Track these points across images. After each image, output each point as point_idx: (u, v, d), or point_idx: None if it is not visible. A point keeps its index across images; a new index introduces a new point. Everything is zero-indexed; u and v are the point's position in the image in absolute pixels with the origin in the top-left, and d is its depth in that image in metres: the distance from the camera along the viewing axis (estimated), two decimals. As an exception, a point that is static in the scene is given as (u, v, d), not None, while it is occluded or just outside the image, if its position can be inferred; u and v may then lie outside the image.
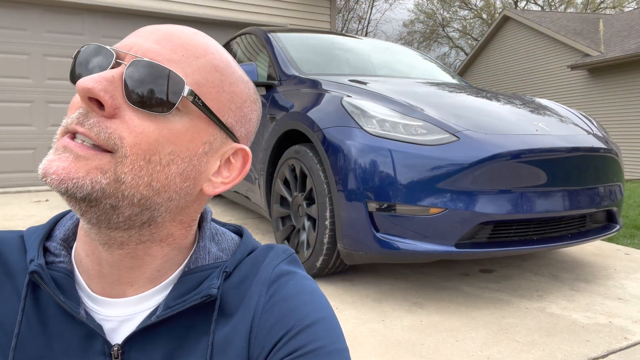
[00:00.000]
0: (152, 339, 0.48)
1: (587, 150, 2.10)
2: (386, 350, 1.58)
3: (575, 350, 1.60)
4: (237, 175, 0.53)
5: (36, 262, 0.48)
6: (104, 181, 0.42)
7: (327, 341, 0.47)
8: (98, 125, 0.42)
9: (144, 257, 0.49)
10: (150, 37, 0.47)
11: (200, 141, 0.47)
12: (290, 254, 0.56)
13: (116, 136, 0.42)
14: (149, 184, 0.44)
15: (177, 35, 0.48)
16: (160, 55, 0.45)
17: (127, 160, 0.43)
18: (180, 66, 0.46)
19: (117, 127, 0.43)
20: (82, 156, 0.42)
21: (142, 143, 0.43)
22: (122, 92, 0.43)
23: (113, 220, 0.45)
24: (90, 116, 0.43)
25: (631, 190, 6.91)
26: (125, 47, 0.46)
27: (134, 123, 0.43)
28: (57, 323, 0.48)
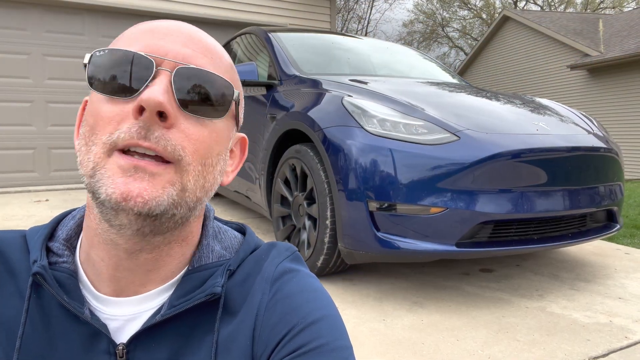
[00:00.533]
0: (156, 338, 0.48)
1: (588, 150, 2.10)
2: (387, 349, 1.58)
3: (575, 350, 1.60)
4: (239, 162, 0.56)
5: (39, 264, 0.48)
6: (174, 193, 0.44)
7: (330, 338, 0.47)
8: (163, 138, 0.43)
9: (165, 258, 0.49)
10: (177, 40, 0.46)
11: (229, 137, 0.50)
12: (293, 251, 0.56)
13: (179, 147, 0.43)
14: (202, 186, 0.47)
15: (196, 35, 0.48)
16: (197, 59, 0.46)
17: (189, 167, 0.44)
18: (213, 68, 0.47)
19: (177, 137, 0.44)
20: (156, 173, 0.43)
21: (199, 149, 0.45)
22: (175, 101, 0.44)
23: (164, 227, 0.46)
24: (153, 129, 0.42)
25: (631, 190, 6.91)
26: (159, 52, 0.45)
27: (191, 131, 0.44)
28: (61, 323, 0.48)
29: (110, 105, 0.43)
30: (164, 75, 0.44)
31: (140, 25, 0.48)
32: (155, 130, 0.42)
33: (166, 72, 0.44)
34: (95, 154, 0.43)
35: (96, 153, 0.43)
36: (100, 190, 0.42)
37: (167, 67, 0.44)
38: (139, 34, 0.47)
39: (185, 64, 0.45)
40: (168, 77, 0.44)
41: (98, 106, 0.44)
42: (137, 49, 0.45)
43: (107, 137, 0.43)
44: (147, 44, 0.45)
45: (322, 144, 2.11)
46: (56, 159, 5.02)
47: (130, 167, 0.42)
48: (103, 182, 0.42)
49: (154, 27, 0.47)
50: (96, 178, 0.43)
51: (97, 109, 0.44)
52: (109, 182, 0.42)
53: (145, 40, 0.46)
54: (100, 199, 0.43)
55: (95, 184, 0.43)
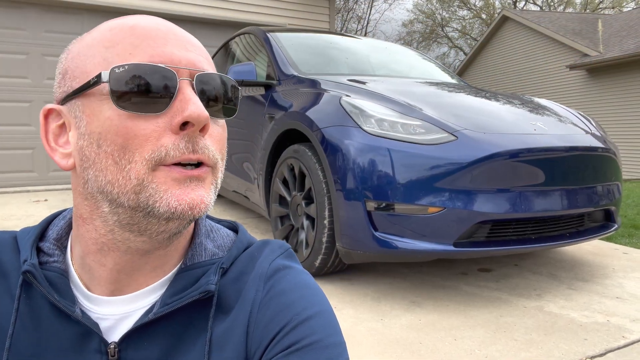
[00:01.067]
0: (149, 337, 0.48)
1: (585, 150, 2.10)
2: (384, 349, 1.58)
3: (573, 349, 1.60)
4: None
5: (29, 262, 0.48)
6: (214, 191, 0.47)
7: (323, 335, 0.47)
8: (206, 148, 0.45)
9: (172, 253, 0.51)
10: (178, 45, 0.47)
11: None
12: (286, 249, 0.56)
13: (216, 151, 0.47)
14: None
15: (186, 35, 0.49)
16: (202, 62, 0.48)
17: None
18: (212, 68, 0.49)
19: (210, 142, 0.46)
20: (204, 178, 0.46)
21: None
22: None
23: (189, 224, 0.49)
24: (197, 141, 0.44)
25: (629, 189, 6.92)
26: (172, 61, 0.45)
27: (215, 133, 0.48)
28: (51, 322, 0.48)
29: (142, 121, 0.43)
30: (187, 85, 0.45)
31: (128, 29, 0.46)
32: (198, 141, 0.45)
33: (187, 81, 0.45)
34: (138, 171, 0.43)
35: (139, 170, 0.43)
36: (158, 205, 0.43)
37: (185, 75, 0.45)
38: (136, 41, 0.45)
39: (200, 70, 0.46)
40: (190, 86, 0.45)
41: (125, 124, 0.43)
42: (147, 59, 0.44)
43: (149, 154, 0.43)
44: (155, 53, 0.45)
45: (320, 144, 2.12)
46: (55, 159, 5.01)
47: (186, 178, 0.44)
48: (160, 196, 0.43)
49: (148, 30, 0.46)
50: (146, 194, 0.43)
51: (126, 127, 0.43)
52: (168, 195, 0.43)
53: (149, 47, 0.45)
54: (157, 212, 0.44)
55: (146, 200, 0.43)
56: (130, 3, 5.17)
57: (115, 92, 0.43)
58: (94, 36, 0.47)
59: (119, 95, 0.43)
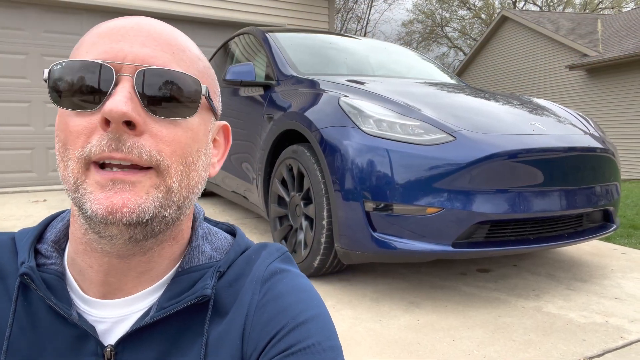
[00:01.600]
0: (145, 340, 0.48)
1: (584, 150, 2.10)
2: (383, 349, 1.58)
3: (571, 350, 1.60)
4: (224, 150, 0.56)
5: (27, 264, 0.48)
6: (160, 195, 0.44)
7: (320, 338, 0.47)
8: (136, 147, 0.42)
9: (157, 259, 0.50)
10: (135, 40, 0.45)
11: (207, 130, 0.50)
12: (284, 252, 0.56)
13: (155, 151, 0.43)
14: (187, 184, 0.47)
15: (156, 31, 0.47)
16: (157, 58, 0.45)
17: (170, 169, 0.44)
18: (177, 64, 0.46)
19: (150, 142, 0.43)
20: (136, 181, 0.43)
21: (177, 150, 0.45)
22: (141, 106, 0.43)
23: (156, 230, 0.47)
24: (124, 139, 0.42)
25: (628, 190, 6.92)
26: (117, 57, 0.44)
27: (164, 134, 0.44)
28: (48, 325, 0.48)
29: (77, 118, 0.43)
30: (126, 81, 0.43)
31: (98, 28, 0.47)
32: (126, 140, 0.42)
33: (127, 77, 0.43)
34: (73, 169, 0.43)
35: (73, 169, 0.43)
36: (86, 207, 0.43)
37: (127, 71, 0.43)
38: (96, 39, 0.45)
39: (145, 66, 0.44)
40: (130, 83, 0.43)
41: (66, 120, 0.44)
42: (95, 56, 0.44)
43: (79, 151, 0.42)
44: (104, 49, 0.44)
45: (318, 144, 2.12)
46: (54, 159, 5.01)
47: (107, 181, 0.42)
48: (87, 198, 0.43)
49: (111, 28, 0.46)
50: (79, 193, 0.43)
51: (65, 124, 0.44)
52: (92, 197, 0.42)
53: (102, 45, 0.44)
54: (86, 214, 0.43)
55: (79, 199, 0.43)
56: (129, 3, 5.17)
57: (52, 89, 0.44)
58: (83, 36, 0.48)
59: (55, 92, 0.44)
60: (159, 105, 0.44)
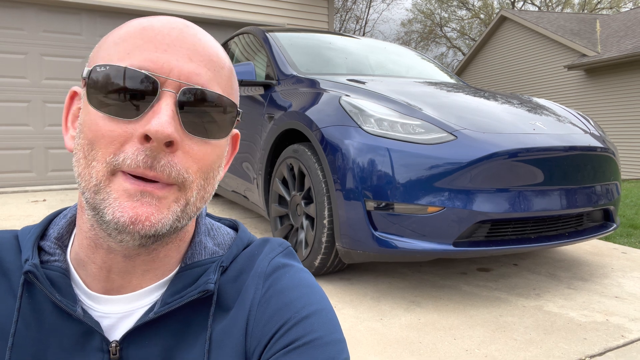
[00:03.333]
0: (150, 335, 0.48)
1: (584, 150, 2.11)
2: (384, 348, 1.58)
3: (572, 348, 1.60)
4: (230, 157, 0.56)
5: (31, 262, 0.48)
6: (178, 209, 0.45)
7: (323, 332, 0.47)
8: (169, 166, 0.43)
9: (162, 259, 0.50)
10: (181, 52, 0.45)
11: (228, 143, 0.51)
12: (286, 247, 0.56)
13: (184, 170, 0.44)
14: (202, 197, 0.48)
15: (200, 44, 0.46)
16: (200, 76, 0.45)
17: (193, 185, 0.45)
18: (216, 82, 0.47)
19: (182, 160, 0.44)
20: (162, 196, 0.44)
21: (203, 167, 0.46)
22: (181, 124, 0.43)
23: (165, 236, 0.47)
24: (160, 157, 0.42)
25: (628, 189, 6.93)
26: (162, 70, 0.43)
27: (195, 151, 0.45)
28: (53, 321, 0.48)
29: (112, 123, 0.42)
30: (169, 97, 0.43)
31: (140, 29, 0.45)
32: (161, 158, 0.42)
33: (171, 93, 0.43)
34: (98, 171, 0.43)
35: (99, 170, 0.43)
36: (107, 211, 0.43)
37: (172, 87, 0.43)
38: (140, 41, 0.44)
39: (190, 85, 0.44)
40: (173, 100, 0.43)
41: (97, 121, 0.43)
42: (140, 63, 0.43)
43: (110, 157, 0.42)
44: (150, 58, 0.43)
45: (319, 144, 2.12)
46: (53, 159, 5.01)
47: (137, 192, 0.43)
48: (109, 203, 0.42)
49: (157, 32, 0.45)
50: (101, 197, 0.43)
51: (97, 124, 0.43)
52: (116, 204, 0.42)
53: (148, 51, 0.44)
54: (105, 219, 0.43)
55: (100, 203, 0.43)
56: (128, 3, 5.16)
57: (90, 90, 0.43)
58: (117, 31, 0.47)
59: (92, 93, 0.43)
60: (196, 124, 0.44)
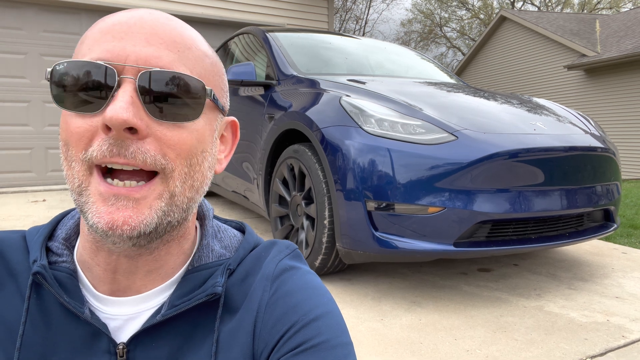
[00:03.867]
0: (157, 338, 0.48)
1: (585, 150, 2.11)
2: (385, 349, 1.58)
3: (573, 349, 1.60)
4: (232, 146, 0.55)
5: (39, 263, 0.48)
6: (163, 205, 0.44)
7: (331, 335, 0.47)
8: (140, 152, 0.41)
9: (165, 257, 0.50)
10: (138, 38, 0.43)
11: (213, 130, 0.49)
12: (293, 249, 0.56)
13: (160, 156, 0.42)
14: (191, 186, 0.46)
15: (161, 27, 0.45)
16: (161, 59, 0.43)
17: (174, 173, 0.44)
18: (182, 63, 0.45)
19: (154, 145, 0.42)
20: (141, 197, 0.42)
21: (182, 152, 0.44)
22: (144, 110, 0.42)
23: (160, 234, 0.46)
24: (126, 144, 0.41)
25: (628, 190, 6.94)
26: (119, 58, 0.42)
27: (168, 137, 0.43)
28: (61, 322, 0.48)
29: (79, 119, 0.42)
30: (128, 83, 0.41)
31: (102, 22, 0.45)
32: (129, 145, 0.41)
33: (130, 79, 0.42)
34: (78, 171, 0.43)
35: (78, 170, 0.43)
36: (88, 216, 0.42)
37: (130, 73, 0.42)
38: (99, 35, 0.44)
39: (148, 68, 0.42)
40: (132, 85, 0.42)
41: (67, 120, 0.43)
42: (98, 54, 0.42)
43: (82, 154, 0.42)
44: (106, 48, 0.43)
45: (320, 144, 2.11)
46: (53, 159, 5.01)
47: (111, 195, 0.42)
48: (89, 208, 0.42)
49: (114, 23, 0.44)
50: (83, 199, 0.43)
51: (67, 123, 0.43)
52: (94, 209, 0.42)
53: (105, 42, 0.43)
54: (89, 223, 0.43)
55: (83, 206, 0.43)
56: (128, 3, 5.16)
57: (53, 89, 0.43)
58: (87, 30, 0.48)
59: (56, 92, 0.43)
60: (163, 109, 0.43)
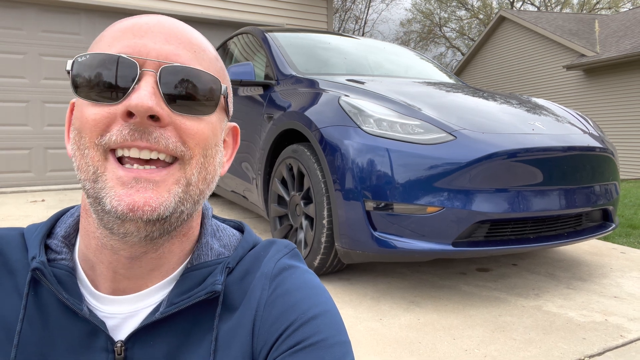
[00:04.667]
0: (155, 336, 0.48)
1: (583, 150, 2.11)
2: (384, 348, 1.59)
3: (571, 348, 1.61)
4: (233, 151, 0.56)
5: (38, 259, 0.48)
6: (180, 190, 0.45)
7: (329, 334, 0.48)
8: (163, 137, 0.43)
9: (167, 256, 0.50)
10: (158, 37, 0.46)
11: (221, 129, 0.51)
12: (292, 248, 0.56)
13: (180, 142, 0.44)
14: (204, 178, 0.48)
15: (178, 30, 0.47)
16: (180, 56, 0.46)
17: (192, 161, 0.46)
18: (198, 63, 0.47)
19: (175, 133, 0.44)
20: (160, 180, 0.44)
21: (200, 142, 0.46)
22: (164, 101, 0.44)
23: (172, 226, 0.47)
24: (149, 130, 0.43)
25: (627, 189, 6.94)
26: (141, 53, 0.44)
27: (187, 126, 0.45)
28: (59, 320, 0.48)
29: (97, 107, 0.43)
30: (149, 76, 0.43)
31: (120, 24, 0.47)
32: (152, 131, 0.43)
33: (151, 72, 0.44)
34: (92, 157, 0.43)
35: (92, 157, 0.43)
36: (105, 201, 0.43)
37: (151, 67, 0.44)
38: (119, 33, 0.46)
39: (169, 63, 0.44)
40: (154, 78, 0.44)
41: (83, 109, 0.44)
42: (119, 50, 0.44)
43: (98, 139, 0.43)
44: (128, 44, 0.45)
45: (319, 144, 2.12)
46: (52, 159, 5.01)
47: (131, 179, 0.43)
48: (106, 193, 0.43)
49: (134, 24, 0.46)
50: (99, 185, 0.43)
51: (82, 112, 0.44)
52: (112, 193, 0.43)
53: (126, 39, 0.45)
54: (105, 209, 0.43)
55: (99, 192, 0.43)
56: (127, 3, 5.16)
57: (74, 81, 0.44)
58: (101, 32, 0.49)
59: (77, 83, 0.44)
60: (181, 102, 0.45)
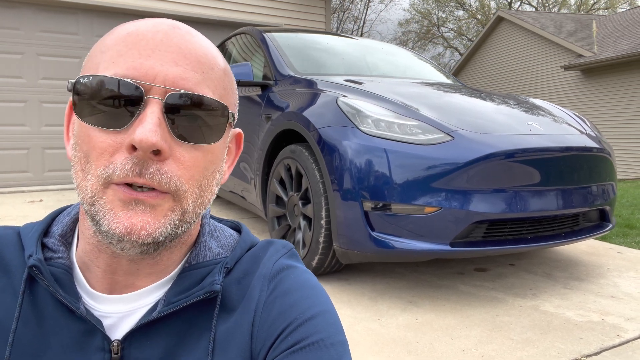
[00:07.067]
0: (152, 335, 0.48)
1: (580, 150, 2.12)
2: (382, 348, 1.59)
3: (568, 348, 1.61)
4: (235, 157, 0.56)
5: (35, 257, 0.47)
6: (175, 218, 0.45)
7: (327, 334, 0.48)
8: (158, 173, 0.43)
9: (166, 262, 0.50)
10: (166, 56, 0.44)
11: (225, 146, 0.51)
12: (290, 248, 0.56)
13: (175, 178, 0.44)
14: (200, 204, 0.48)
15: (187, 46, 0.46)
16: (187, 80, 0.44)
17: (187, 194, 0.45)
18: (206, 85, 0.46)
19: (172, 167, 0.44)
20: (157, 204, 0.44)
21: (195, 175, 0.46)
22: (169, 131, 0.43)
23: (166, 243, 0.47)
24: (148, 165, 0.42)
25: (624, 189, 6.96)
26: (147, 77, 0.43)
27: (186, 158, 0.44)
28: (55, 319, 0.48)
29: (102, 134, 0.43)
30: (155, 104, 0.42)
31: (125, 32, 0.45)
32: (149, 165, 0.42)
33: (157, 100, 0.42)
34: (92, 184, 0.43)
35: (93, 184, 0.43)
36: (102, 223, 0.43)
37: (157, 94, 0.43)
38: (124, 48, 0.44)
39: (176, 90, 0.43)
40: (159, 106, 0.42)
41: (89, 132, 0.43)
42: (124, 70, 0.43)
43: (101, 170, 0.42)
44: (133, 65, 0.43)
45: (317, 144, 2.12)
46: (50, 159, 5.00)
47: (131, 200, 0.43)
48: (104, 215, 0.43)
49: (140, 38, 0.44)
50: (97, 208, 0.43)
51: (88, 136, 0.43)
52: (111, 215, 0.43)
53: (131, 57, 0.43)
54: (102, 230, 0.43)
55: (96, 214, 0.43)
56: (125, 3, 5.15)
57: (76, 103, 0.43)
58: (105, 37, 0.47)
59: (79, 106, 0.43)
60: (186, 130, 0.44)
